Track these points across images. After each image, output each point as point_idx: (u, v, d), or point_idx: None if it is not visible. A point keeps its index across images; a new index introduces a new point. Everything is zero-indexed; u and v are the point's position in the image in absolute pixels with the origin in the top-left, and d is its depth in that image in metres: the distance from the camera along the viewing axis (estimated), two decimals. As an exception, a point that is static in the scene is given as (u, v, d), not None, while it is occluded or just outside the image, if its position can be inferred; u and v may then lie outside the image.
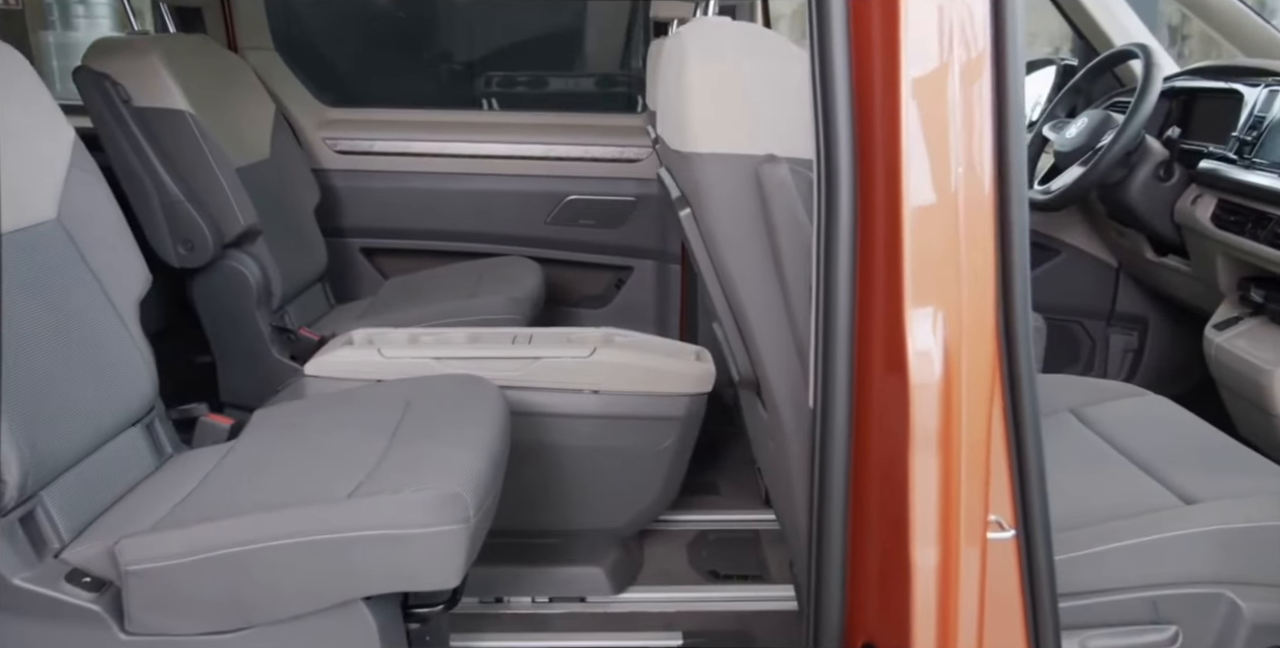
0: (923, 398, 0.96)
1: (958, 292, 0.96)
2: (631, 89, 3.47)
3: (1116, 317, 3.04)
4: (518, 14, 3.55)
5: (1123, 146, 2.35)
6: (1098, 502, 1.50)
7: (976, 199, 0.96)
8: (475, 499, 1.38)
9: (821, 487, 1.05)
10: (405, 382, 1.82)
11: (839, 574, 1.05)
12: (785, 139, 1.17)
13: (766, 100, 1.20)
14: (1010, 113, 1.01)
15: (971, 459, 0.98)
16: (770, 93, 1.20)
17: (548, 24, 3.51)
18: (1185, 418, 1.81)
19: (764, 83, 1.21)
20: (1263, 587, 1.38)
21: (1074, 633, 1.36)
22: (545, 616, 2.02)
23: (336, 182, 3.02)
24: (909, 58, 0.94)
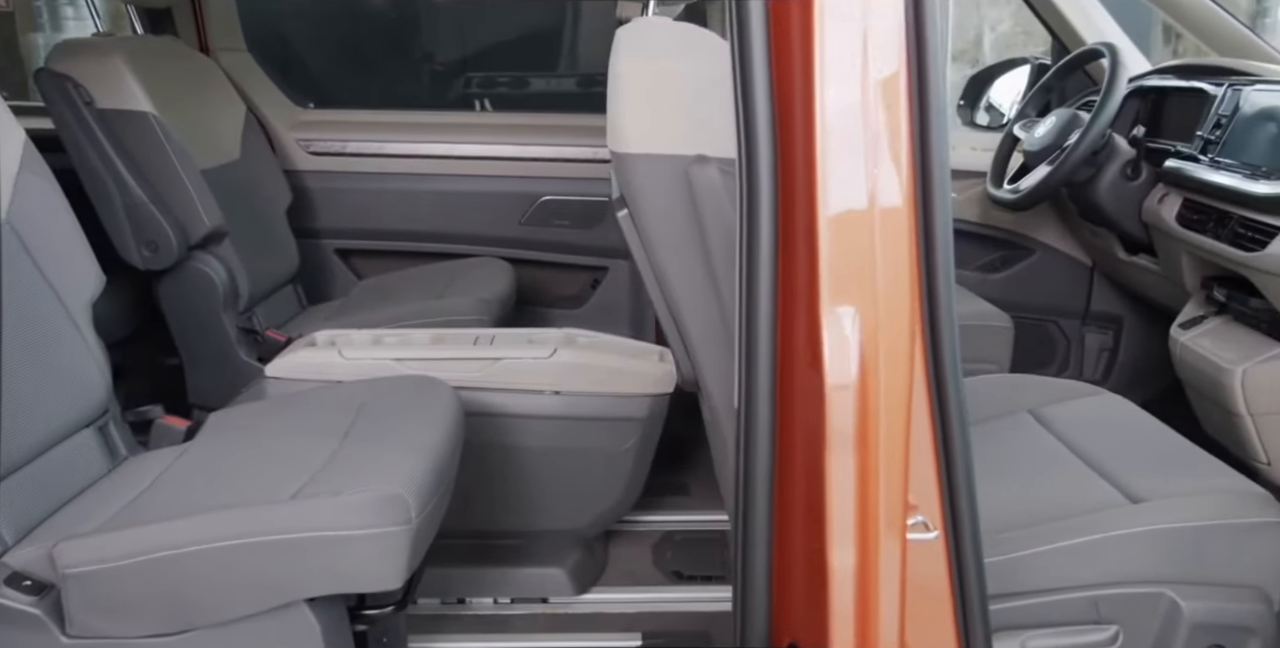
0: (838, 398, 0.96)
1: (873, 293, 0.96)
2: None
3: (1091, 316, 3.04)
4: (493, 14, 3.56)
5: (1087, 146, 2.35)
6: (1046, 502, 1.50)
7: (892, 201, 0.96)
8: (418, 501, 1.38)
9: (746, 487, 1.05)
10: (361, 383, 1.82)
11: (764, 574, 1.05)
12: (716, 139, 1.17)
13: (697, 100, 1.20)
14: (931, 116, 1.01)
15: (890, 460, 0.98)
16: (701, 92, 1.20)
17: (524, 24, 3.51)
18: (1141, 418, 1.81)
19: (695, 82, 1.21)
20: (1203, 586, 1.38)
21: (1015, 633, 1.37)
22: (506, 616, 2.02)
23: (310, 183, 3.02)
24: (824, 60, 0.94)
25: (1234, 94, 2.18)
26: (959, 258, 3.15)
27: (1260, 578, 1.40)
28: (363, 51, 3.42)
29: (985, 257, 3.09)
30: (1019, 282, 3.06)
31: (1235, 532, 1.40)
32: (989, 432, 1.80)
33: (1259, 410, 1.96)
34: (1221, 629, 1.37)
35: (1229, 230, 2.01)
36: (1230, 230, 2.00)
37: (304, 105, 3.09)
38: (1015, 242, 3.04)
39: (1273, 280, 1.89)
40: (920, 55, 1.00)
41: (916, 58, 1.00)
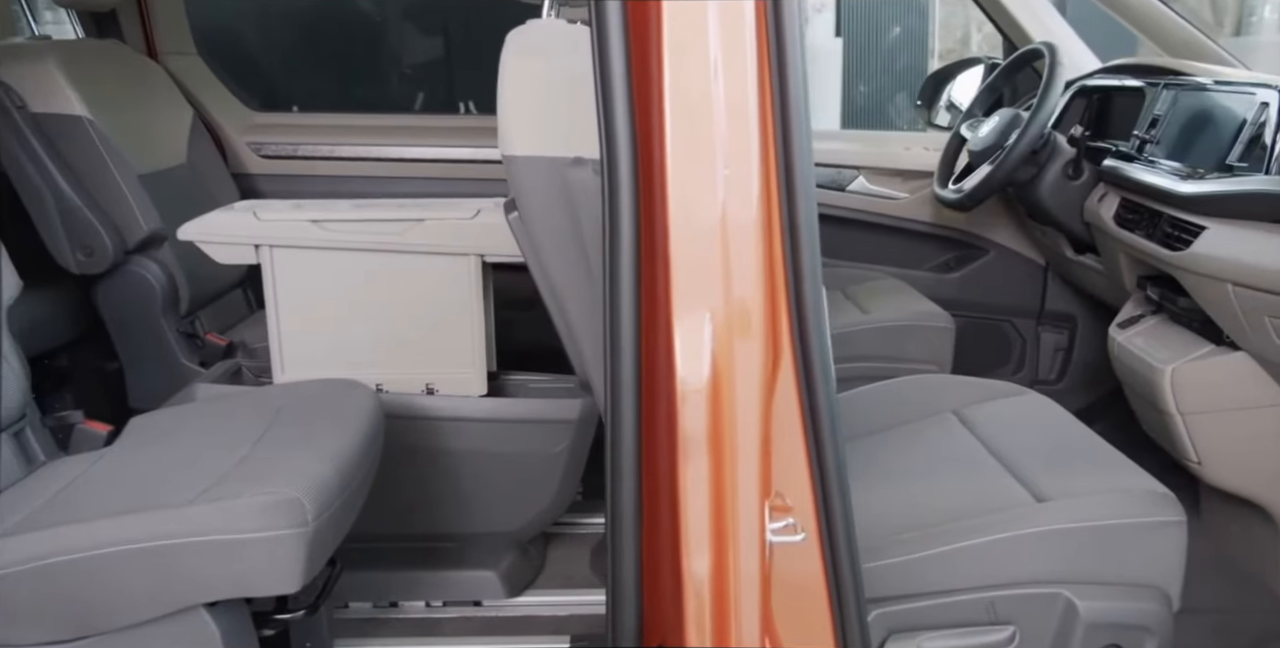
0: (689, 403, 0.95)
1: (725, 297, 0.96)
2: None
3: (1046, 315, 3.04)
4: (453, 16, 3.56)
5: (1026, 145, 2.36)
6: (954, 502, 1.50)
7: (743, 206, 0.96)
8: (316, 505, 1.38)
9: (614, 490, 1.05)
10: (283, 388, 1.82)
11: (633, 575, 1.05)
12: (592, 141, 1.17)
13: (577, 102, 1.20)
14: (792, 116, 1.01)
15: (746, 464, 0.98)
16: (580, 95, 1.20)
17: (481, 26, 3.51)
18: (1061, 417, 1.81)
19: (576, 85, 1.21)
20: (1100, 585, 1.38)
21: (913, 635, 1.37)
22: (437, 620, 2.02)
23: (263, 186, 3.01)
24: (671, 59, 0.94)
25: (1168, 94, 2.18)
26: (913, 258, 3.17)
27: (1159, 578, 1.40)
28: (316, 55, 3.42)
29: (939, 257, 3.10)
30: (973, 281, 3.06)
31: (1135, 531, 1.40)
32: (911, 433, 1.81)
33: (1188, 409, 1.96)
34: (1118, 629, 1.37)
35: (1159, 230, 2.01)
36: (1160, 230, 2.00)
37: (256, 109, 3.09)
38: (968, 241, 3.04)
39: (1196, 279, 1.89)
40: (781, 59, 1.00)
41: (777, 62, 1.00)
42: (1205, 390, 1.94)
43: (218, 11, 3.27)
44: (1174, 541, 1.40)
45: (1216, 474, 1.99)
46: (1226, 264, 1.78)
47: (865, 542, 1.41)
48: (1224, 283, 1.79)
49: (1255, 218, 1.73)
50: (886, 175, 3.07)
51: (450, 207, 1.99)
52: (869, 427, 1.85)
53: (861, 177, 3.07)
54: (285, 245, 1.91)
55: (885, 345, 2.43)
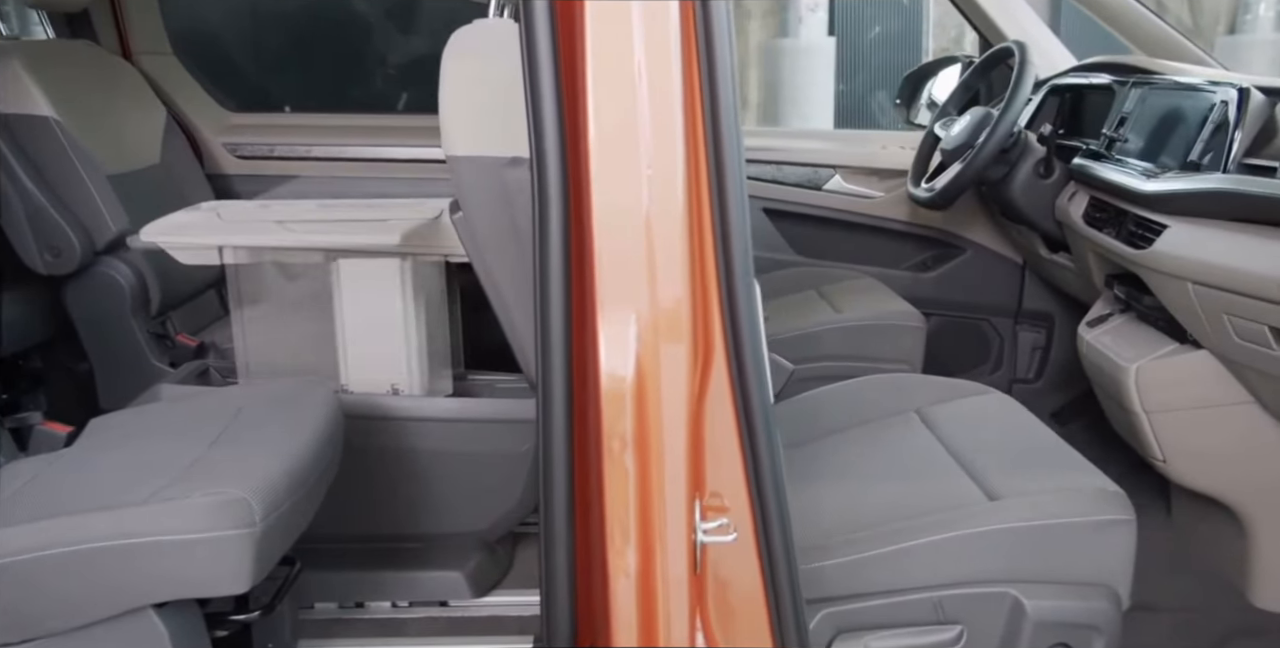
0: (614, 403, 0.95)
1: (651, 296, 0.96)
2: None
3: (1024, 314, 3.04)
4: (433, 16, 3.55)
5: (995, 144, 2.36)
6: (906, 501, 1.50)
7: (667, 203, 0.96)
8: (264, 505, 1.38)
9: (546, 490, 1.05)
10: (243, 388, 1.82)
11: (565, 576, 1.05)
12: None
13: (513, 102, 1.20)
14: (722, 115, 1.01)
15: (673, 464, 0.97)
16: (517, 94, 1.19)
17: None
18: (1023, 417, 1.81)
19: (512, 84, 1.20)
20: (1048, 584, 1.38)
21: (859, 634, 1.37)
22: (402, 620, 2.02)
23: (239, 187, 3.01)
24: (593, 60, 0.94)
25: (1136, 93, 2.18)
26: (890, 257, 3.17)
27: (1108, 576, 1.40)
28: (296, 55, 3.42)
29: (916, 256, 3.10)
30: (950, 280, 3.06)
31: (1083, 530, 1.40)
32: (872, 432, 1.81)
33: (1152, 408, 1.96)
34: (1066, 628, 1.37)
35: (1124, 228, 2.01)
36: (1126, 228, 2.00)
37: (232, 109, 3.09)
38: (946, 240, 3.04)
39: (1158, 278, 1.89)
40: (710, 59, 1.00)
41: (706, 62, 1.00)
42: (1169, 389, 1.95)
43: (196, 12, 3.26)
44: (1123, 539, 1.40)
45: (1181, 472, 1.99)
46: (1187, 262, 1.78)
47: (814, 541, 1.42)
48: (1184, 281, 1.79)
49: (1214, 216, 1.73)
50: (863, 174, 3.07)
51: (415, 207, 1.99)
52: (831, 426, 1.84)
53: (838, 175, 3.07)
54: (248, 246, 1.90)
55: (856, 345, 2.43)
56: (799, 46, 7.89)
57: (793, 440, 1.81)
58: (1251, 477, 1.91)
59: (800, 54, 7.86)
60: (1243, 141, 1.71)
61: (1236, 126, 1.73)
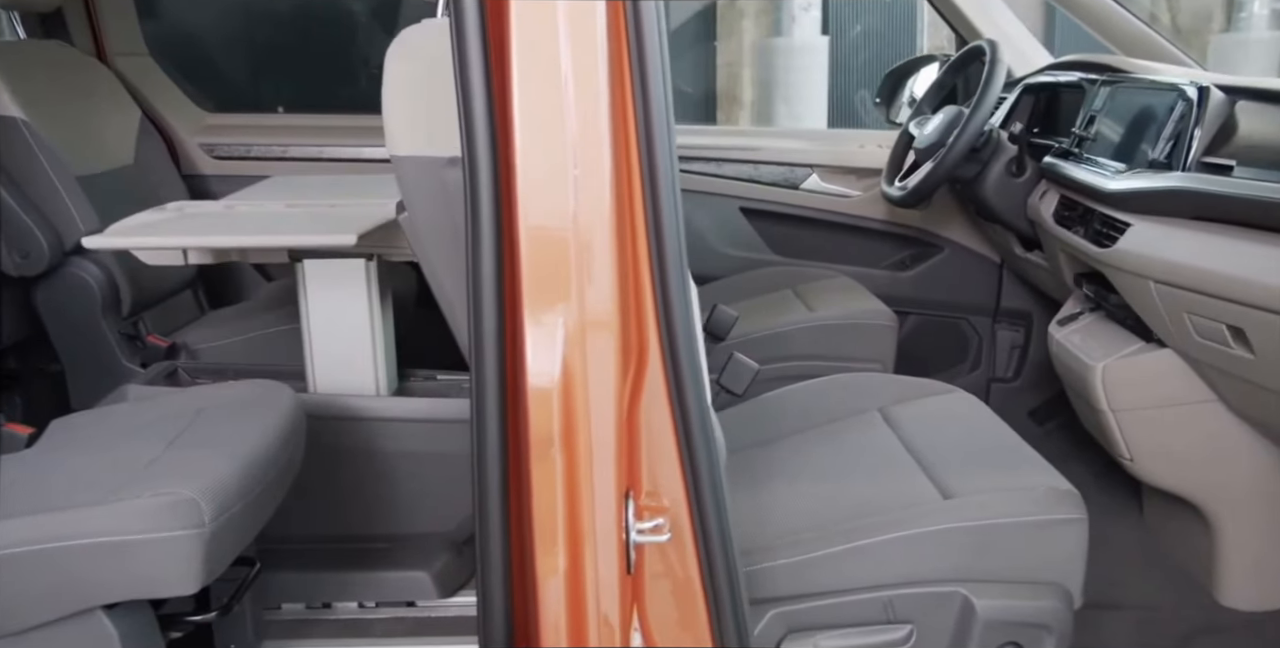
0: (540, 404, 0.95)
1: (578, 296, 0.95)
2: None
3: (1002, 312, 3.04)
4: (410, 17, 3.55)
5: (966, 142, 2.35)
6: (860, 501, 1.50)
7: (595, 203, 0.96)
8: (214, 506, 1.38)
9: (480, 491, 1.04)
10: (205, 389, 1.82)
11: (500, 579, 1.05)
12: (468, 141, 1.16)
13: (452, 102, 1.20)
14: (654, 115, 1.01)
15: (601, 465, 0.97)
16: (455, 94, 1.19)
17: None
18: (985, 416, 1.80)
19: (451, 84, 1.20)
20: (998, 584, 1.37)
21: (809, 634, 1.36)
22: (368, 621, 2.02)
23: (216, 187, 3.01)
24: (518, 60, 0.94)
25: (1105, 91, 2.18)
26: (868, 256, 3.17)
27: (1059, 575, 1.40)
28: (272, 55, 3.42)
29: (894, 255, 3.09)
30: (929, 279, 3.05)
31: (1034, 529, 1.40)
32: (834, 432, 1.81)
33: (1119, 406, 1.96)
34: (1017, 627, 1.36)
35: (1091, 227, 2.01)
36: (1092, 227, 2.00)
37: (209, 109, 3.09)
38: (923, 239, 3.04)
39: (1122, 276, 1.89)
40: (641, 59, 0.99)
41: (638, 61, 1.00)
42: (1135, 387, 1.94)
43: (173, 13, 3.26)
44: (1074, 538, 1.40)
45: (1148, 471, 1.99)
46: (1148, 261, 1.78)
47: (766, 541, 1.42)
48: (1147, 280, 1.79)
49: (1173, 215, 1.73)
50: (841, 173, 3.06)
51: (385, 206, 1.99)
52: (795, 426, 1.84)
53: (815, 175, 3.07)
54: (208, 246, 1.90)
55: (826, 344, 2.43)
56: (792, 45, 7.89)
57: (756, 440, 1.82)
58: (1216, 475, 1.91)
59: (794, 53, 7.86)
60: (1202, 140, 1.71)
61: (1196, 125, 1.72)
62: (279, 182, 2.59)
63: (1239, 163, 1.60)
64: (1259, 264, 1.52)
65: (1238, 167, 1.59)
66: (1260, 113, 1.68)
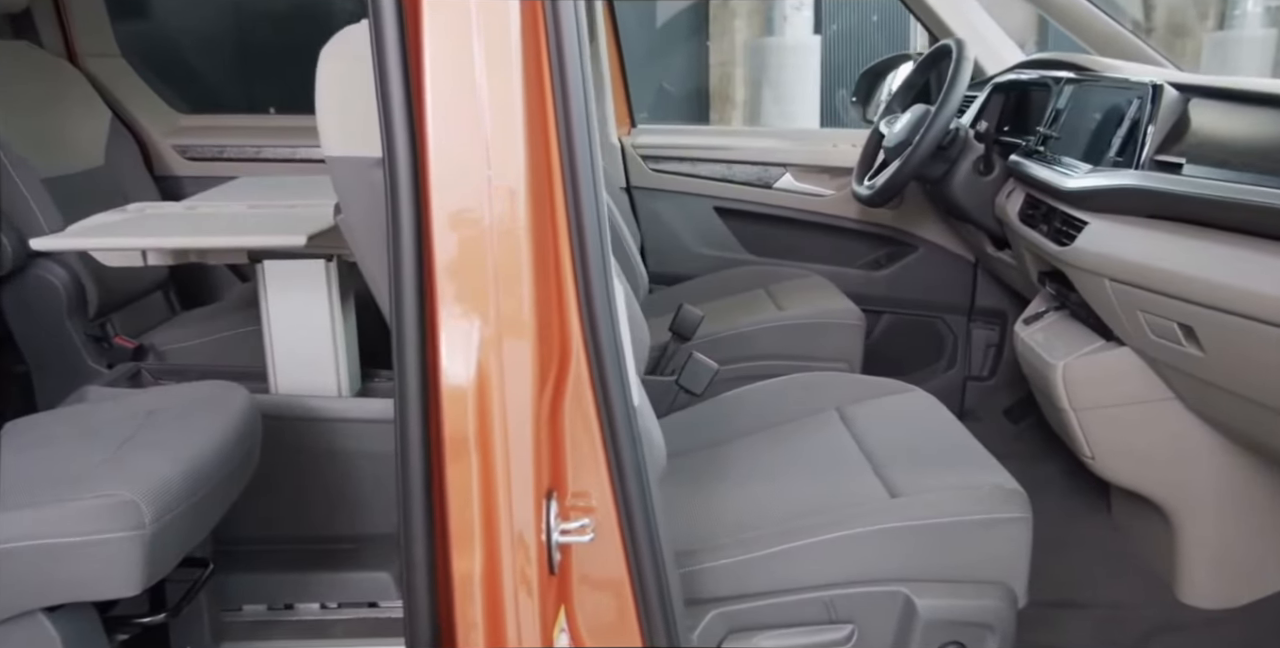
0: (454, 405, 0.95)
1: (493, 297, 0.95)
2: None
3: (977, 311, 3.04)
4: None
5: (931, 141, 2.35)
6: (807, 500, 1.50)
7: (510, 204, 0.95)
8: (156, 507, 1.37)
9: (404, 492, 1.04)
10: (159, 391, 1.82)
11: (425, 581, 1.04)
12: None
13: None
14: (574, 115, 1.01)
15: (518, 465, 0.97)
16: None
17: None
18: (940, 414, 1.80)
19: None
20: (940, 583, 1.37)
21: (749, 634, 1.36)
22: (329, 622, 2.01)
23: (189, 188, 3.00)
24: (431, 62, 0.94)
25: (1070, 89, 2.17)
26: (843, 255, 3.16)
27: (1002, 574, 1.40)
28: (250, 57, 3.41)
29: (869, 254, 3.09)
30: (903, 278, 3.05)
31: (977, 528, 1.40)
32: (791, 431, 1.81)
33: (1080, 405, 1.96)
34: (958, 626, 1.36)
35: (1052, 225, 2.00)
36: (1053, 225, 2.00)
37: (182, 111, 3.09)
38: (898, 238, 3.04)
39: (1079, 274, 1.88)
40: (561, 59, 0.99)
41: (557, 61, 0.99)
42: (1095, 386, 1.94)
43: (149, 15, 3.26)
44: (1018, 536, 1.39)
45: (1109, 469, 1.99)
46: (1103, 259, 1.77)
47: (711, 541, 1.42)
48: (1102, 278, 1.79)
49: (1126, 213, 1.72)
50: (814, 172, 3.06)
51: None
52: (752, 425, 1.84)
53: (788, 174, 3.07)
54: (167, 247, 1.90)
55: (793, 343, 2.43)
56: (784, 45, 7.89)
57: (713, 440, 1.81)
58: (1176, 473, 1.90)
59: (786, 52, 7.86)
60: (1155, 138, 1.71)
61: (1150, 123, 1.72)
62: (247, 183, 2.58)
63: (1189, 160, 1.59)
64: (1206, 262, 1.51)
65: (1187, 164, 1.59)
66: (1212, 110, 1.67)
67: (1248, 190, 1.44)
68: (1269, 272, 1.40)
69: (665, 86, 6.99)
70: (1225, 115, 1.64)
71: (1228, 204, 1.45)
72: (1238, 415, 1.68)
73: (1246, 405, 1.59)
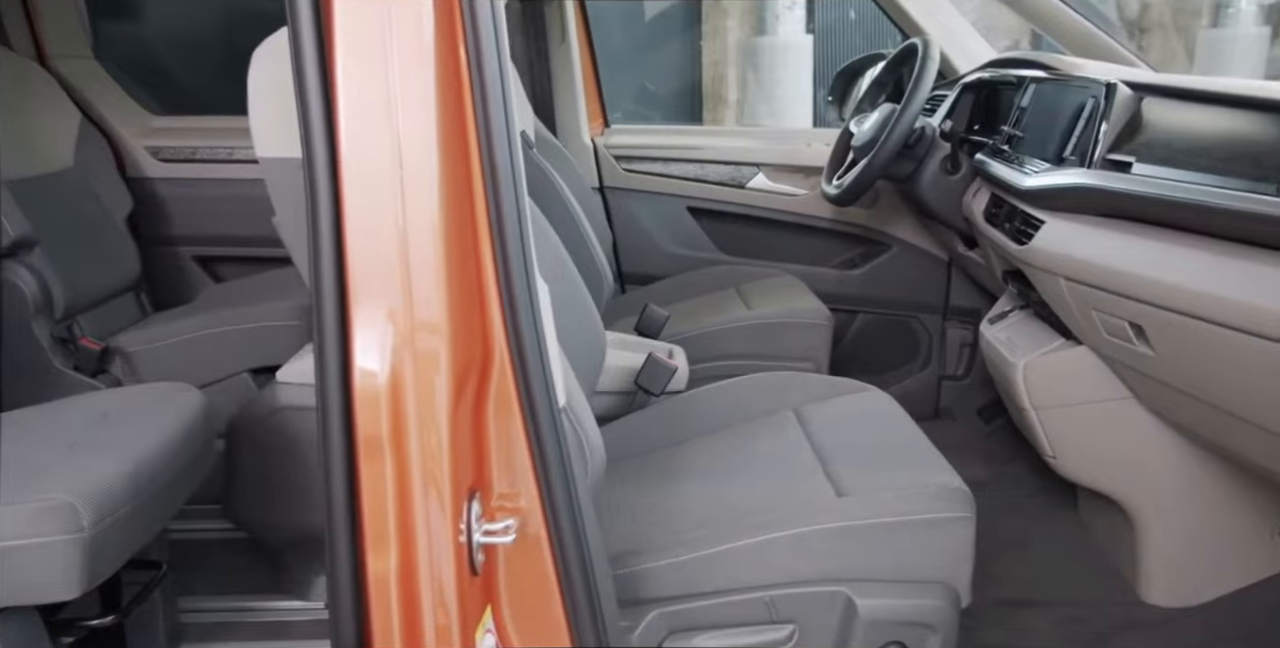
0: (366, 404, 0.95)
1: (405, 297, 0.95)
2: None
3: (951, 310, 3.04)
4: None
5: (895, 140, 2.35)
6: (753, 500, 1.50)
7: (423, 203, 0.95)
8: (95, 510, 1.37)
9: (327, 495, 1.04)
10: (113, 392, 1.82)
11: (349, 583, 1.04)
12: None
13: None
14: (492, 114, 1.00)
15: (434, 466, 0.97)
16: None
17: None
18: (894, 414, 1.80)
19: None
20: (882, 583, 1.37)
21: (690, 634, 1.36)
22: (287, 623, 2.01)
23: (162, 190, 3.00)
24: (344, 59, 0.94)
25: (1033, 88, 2.17)
26: (817, 255, 3.15)
27: (945, 574, 1.39)
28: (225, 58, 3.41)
29: (843, 253, 3.09)
30: (878, 277, 3.05)
31: (922, 527, 1.40)
32: (747, 431, 1.80)
33: (1040, 404, 1.96)
34: (900, 626, 1.36)
35: (1012, 224, 2.00)
36: (1013, 224, 2.00)
37: (155, 112, 3.08)
38: (871, 237, 3.03)
39: (1037, 273, 1.88)
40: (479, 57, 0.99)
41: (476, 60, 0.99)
42: (1054, 384, 1.94)
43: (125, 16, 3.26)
44: (960, 536, 1.39)
45: (1070, 468, 1.98)
46: (1058, 258, 1.77)
47: (656, 541, 1.41)
48: (1058, 277, 1.79)
49: (1079, 211, 1.72)
50: (787, 172, 3.06)
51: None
52: (709, 425, 1.84)
53: (761, 173, 3.06)
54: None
55: (759, 342, 2.43)
56: (777, 44, 7.89)
57: (670, 439, 1.81)
58: (1134, 472, 1.90)
59: (778, 51, 7.86)
60: (1108, 136, 1.70)
61: (1102, 121, 1.72)
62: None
63: (1138, 159, 1.59)
64: (1154, 261, 1.51)
65: (1137, 163, 1.59)
66: (1164, 109, 1.67)
67: (1192, 189, 1.43)
68: (1213, 271, 1.40)
69: (648, 87, 6.99)
70: (1176, 114, 1.64)
71: (1173, 203, 1.45)
72: (1189, 414, 1.68)
73: (1196, 404, 1.59)
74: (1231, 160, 1.38)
